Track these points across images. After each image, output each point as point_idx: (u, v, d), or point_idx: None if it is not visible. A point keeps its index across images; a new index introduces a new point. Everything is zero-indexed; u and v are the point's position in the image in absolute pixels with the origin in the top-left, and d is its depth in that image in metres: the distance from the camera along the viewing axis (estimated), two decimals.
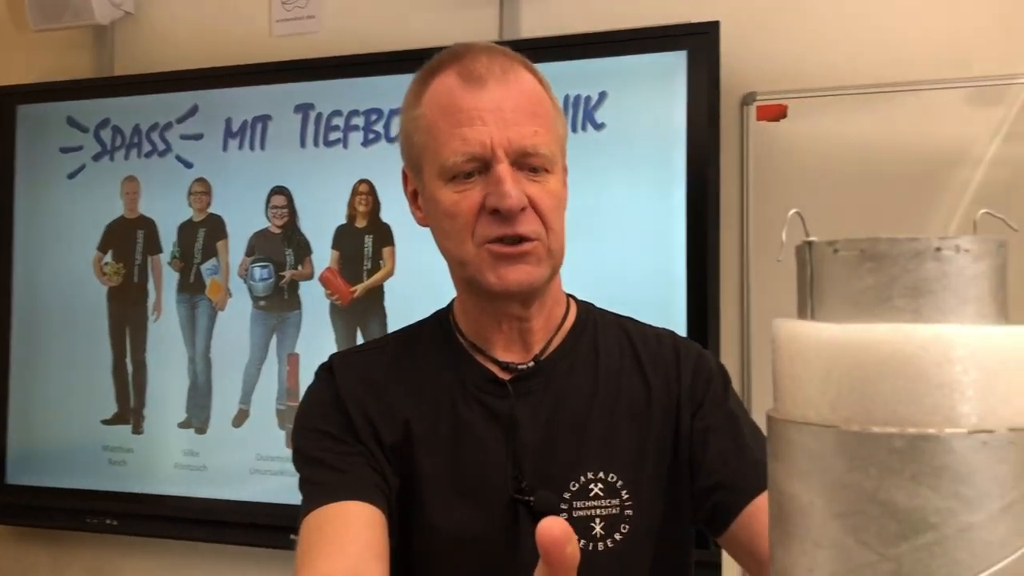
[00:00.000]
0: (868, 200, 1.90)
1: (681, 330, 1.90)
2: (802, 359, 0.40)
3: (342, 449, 0.95)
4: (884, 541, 0.37)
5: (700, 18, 1.98)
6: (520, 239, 0.90)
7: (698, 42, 1.96)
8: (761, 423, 0.87)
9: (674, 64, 1.97)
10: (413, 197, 1.00)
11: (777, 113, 1.97)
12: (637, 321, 1.07)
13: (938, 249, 0.39)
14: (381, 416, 0.97)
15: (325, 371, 1.02)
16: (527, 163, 0.90)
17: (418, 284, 2.11)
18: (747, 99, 1.99)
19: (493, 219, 0.89)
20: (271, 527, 2.15)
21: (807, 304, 0.42)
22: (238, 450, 2.25)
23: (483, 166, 0.89)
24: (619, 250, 1.97)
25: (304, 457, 0.96)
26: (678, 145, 1.95)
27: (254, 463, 2.24)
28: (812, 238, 0.42)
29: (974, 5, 1.91)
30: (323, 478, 0.92)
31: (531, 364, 0.99)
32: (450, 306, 1.06)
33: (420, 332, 1.05)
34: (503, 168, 0.88)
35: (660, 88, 1.99)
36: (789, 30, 2.01)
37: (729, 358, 1.98)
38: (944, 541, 0.36)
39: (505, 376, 0.98)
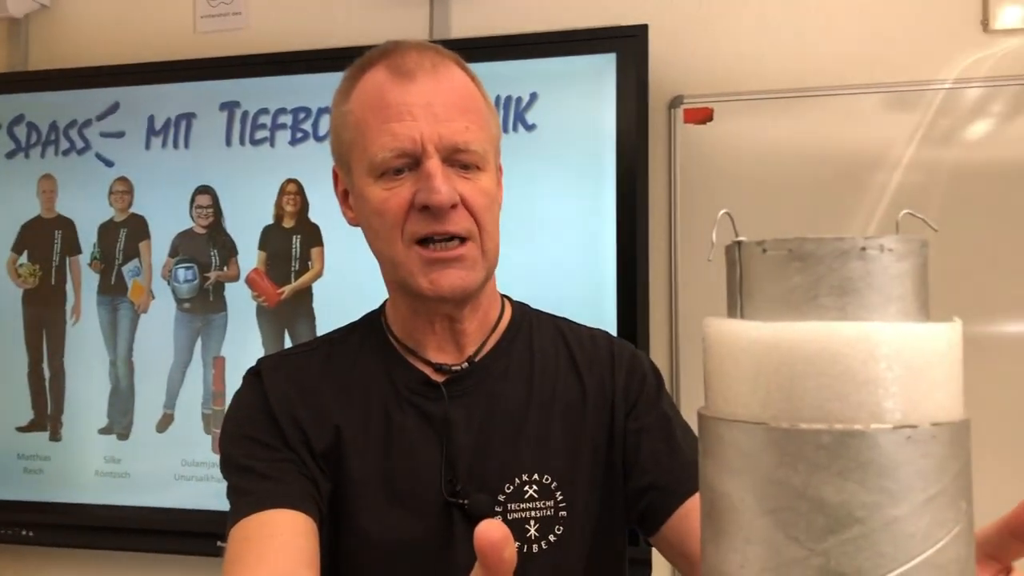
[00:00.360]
0: (791, 201, 1.94)
1: (611, 329, 1.92)
2: (732, 357, 0.41)
3: (271, 456, 0.92)
4: (813, 536, 0.38)
5: (629, 21, 2.00)
6: (451, 238, 0.88)
7: (627, 45, 1.98)
8: (691, 420, 0.88)
9: (603, 66, 1.99)
10: (344, 197, 0.98)
11: (704, 116, 2.00)
12: (572, 322, 1.07)
13: (863, 248, 0.39)
14: (311, 421, 0.95)
15: (253, 376, 0.99)
16: (458, 159, 0.89)
17: (347, 285, 2.09)
18: (675, 102, 2.01)
19: (423, 216, 0.87)
20: (198, 534, 2.10)
21: (737, 303, 0.43)
22: (162, 456, 2.20)
23: (413, 162, 0.88)
24: (550, 250, 1.98)
25: (232, 465, 0.94)
26: (608, 146, 1.97)
27: (179, 469, 2.18)
28: (741, 238, 0.42)
29: (892, 13, 1.97)
30: (251, 486, 0.90)
31: (465, 365, 0.98)
32: (382, 308, 1.04)
33: (351, 335, 1.03)
34: (433, 164, 0.86)
35: (590, 90, 2.00)
36: (715, 35, 2.05)
37: (658, 357, 2.01)
38: (870, 534, 0.37)
39: (439, 378, 0.97)
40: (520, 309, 1.06)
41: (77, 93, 2.27)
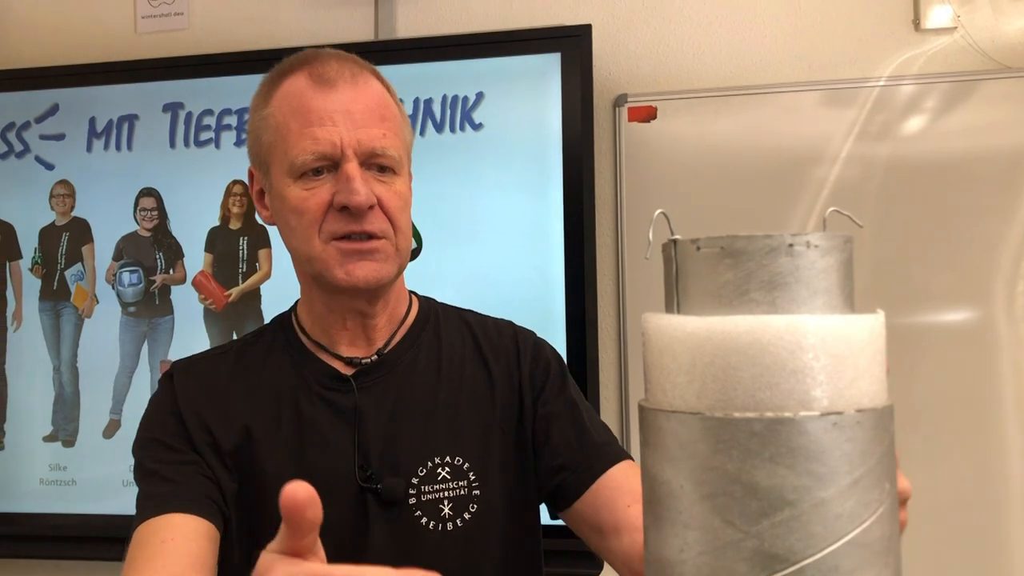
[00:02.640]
0: (734, 197, 1.98)
1: (560, 329, 1.94)
2: (669, 351, 0.43)
3: (175, 458, 0.96)
4: (747, 519, 0.40)
5: (573, 21, 2.02)
6: (368, 236, 0.93)
7: (571, 45, 2.00)
8: (635, 414, 0.90)
9: (549, 66, 2.01)
10: (259, 196, 1.02)
11: (647, 114, 2.03)
12: (477, 313, 1.13)
13: (791, 245, 0.42)
14: (219, 422, 0.98)
15: (166, 379, 1.03)
16: (375, 163, 0.94)
17: (296, 286, 2.07)
18: (619, 101, 2.04)
19: (341, 216, 0.92)
20: None
21: (673, 298, 0.45)
22: (109, 462, 2.17)
23: (332, 165, 0.92)
24: (497, 248, 1.99)
25: (139, 468, 0.97)
26: (554, 144, 1.99)
27: (127, 475, 2.15)
28: (676, 236, 0.44)
29: (828, 13, 2.02)
30: (153, 490, 0.93)
31: (374, 358, 1.02)
32: (293, 308, 1.08)
33: (262, 336, 1.07)
34: (352, 167, 0.91)
35: (536, 89, 2.02)
36: (657, 35, 2.08)
37: (607, 352, 2.04)
38: (801, 516, 0.39)
39: (348, 371, 1.01)
40: (427, 303, 1.11)
41: (15, 95, 2.23)
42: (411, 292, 1.10)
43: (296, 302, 1.07)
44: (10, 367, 2.22)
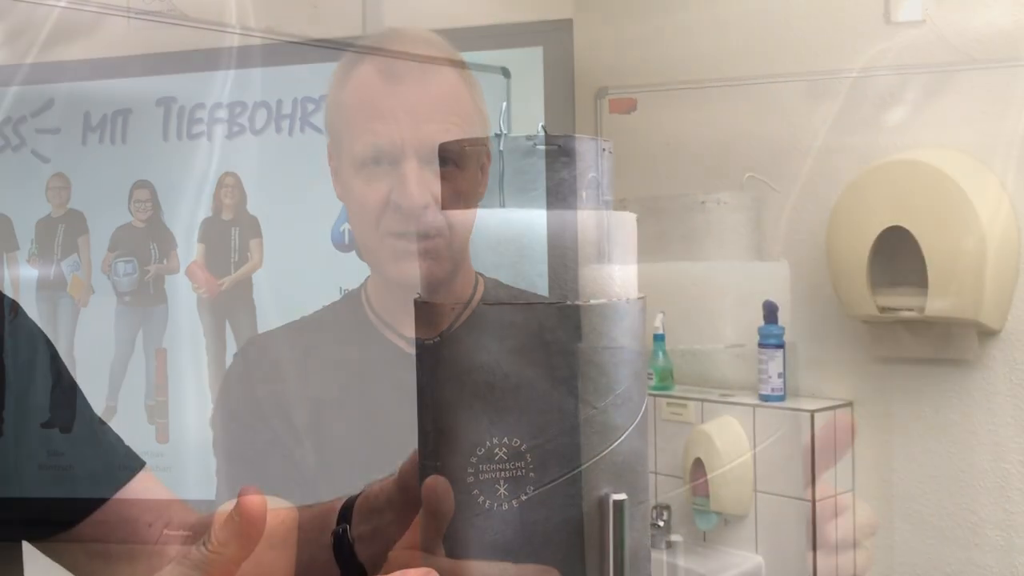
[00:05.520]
0: (712, 187, 2.02)
1: None
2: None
3: (247, 437, 1.01)
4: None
5: (554, 15, 2.07)
6: (422, 235, 0.95)
7: (553, 38, 2.04)
8: None
9: (531, 59, 2.05)
10: (334, 171, 1.06)
11: (628, 106, 2.08)
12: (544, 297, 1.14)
13: (703, 202, 0.47)
14: (291, 398, 1.01)
15: (241, 352, 1.09)
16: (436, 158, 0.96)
17: (287, 276, 2.13)
18: (600, 93, 2.09)
19: (397, 213, 0.95)
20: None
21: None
22: (106, 448, 2.21)
23: (393, 158, 0.95)
24: None
25: (216, 443, 1.03)
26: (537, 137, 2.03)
27: (123, 459, 2.20)
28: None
29: (804, 5, 2.05)
30: (230, 470, 0.98)
31: (436, 339, 1.04)
32: (364, 283, 1.10)
33: (331, 312, 1.10)
34: (409, 166, 0.94)
35: (519, 81, 2.06)
36: (636, 28, 2.12)
37: None
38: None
39: (411, 350, 1.04)
40: (493, 284, 1.13)
41: (11, 90, 2.28)
42: (478, 273, 1.13)
43: (367, 278, 1.09)
44: (8, 356, 2.27)
